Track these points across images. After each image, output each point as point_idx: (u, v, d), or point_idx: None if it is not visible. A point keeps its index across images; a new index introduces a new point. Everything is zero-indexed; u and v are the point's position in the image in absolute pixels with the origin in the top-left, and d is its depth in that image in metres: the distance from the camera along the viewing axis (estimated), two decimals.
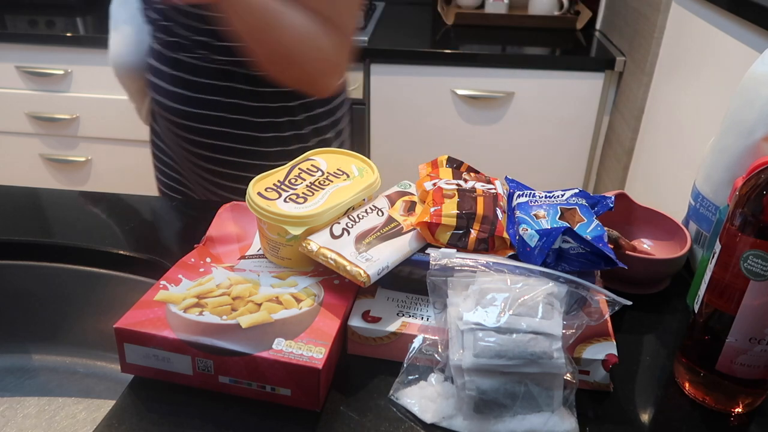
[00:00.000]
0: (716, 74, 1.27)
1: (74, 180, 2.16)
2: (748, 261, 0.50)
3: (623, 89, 1.80)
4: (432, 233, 0.62)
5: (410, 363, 0.57)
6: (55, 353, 0.79)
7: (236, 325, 0.55)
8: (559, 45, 1.93)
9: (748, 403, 0.55)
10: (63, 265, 0.76)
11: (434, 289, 0.56)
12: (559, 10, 2.07)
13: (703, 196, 0.71)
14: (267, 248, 0.65)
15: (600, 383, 0.56)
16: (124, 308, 0.57)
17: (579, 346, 0.56)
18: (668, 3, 1.53)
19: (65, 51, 1.91)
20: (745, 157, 0.66)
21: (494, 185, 0.69)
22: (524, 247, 0.60)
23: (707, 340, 0.55)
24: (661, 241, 0.75)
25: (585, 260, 0.58)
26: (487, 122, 1.90)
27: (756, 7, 1.07)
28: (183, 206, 0.87)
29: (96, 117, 2.02)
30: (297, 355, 0.52)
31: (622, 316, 0.66)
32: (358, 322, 0.59)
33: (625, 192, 0.75)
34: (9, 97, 2.00)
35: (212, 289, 0.60)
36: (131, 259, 0.74)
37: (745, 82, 0.66)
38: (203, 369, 0.54)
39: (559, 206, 0.63)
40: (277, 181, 0.65)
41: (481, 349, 0.50)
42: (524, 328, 0.51)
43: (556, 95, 1.84)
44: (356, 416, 0.54)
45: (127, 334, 0.54)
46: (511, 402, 0.51)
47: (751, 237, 0.49)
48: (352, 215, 0.64)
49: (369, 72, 1.83)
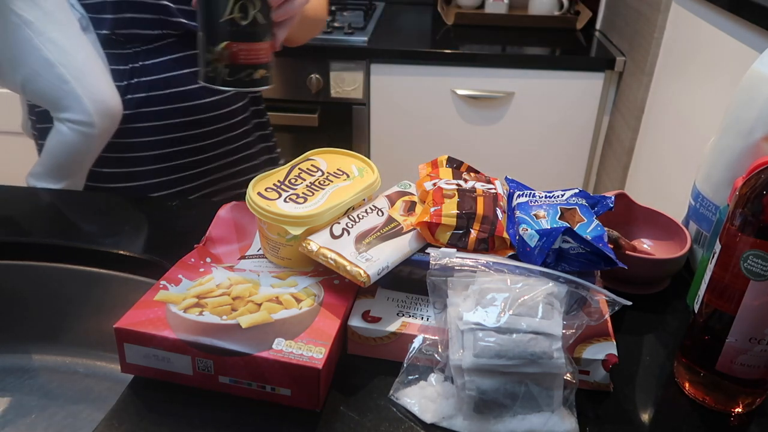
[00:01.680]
0: (716, 74, 1.27)
1: None
2: (748, 261, 0.50)
3: (623, 89, 1.80)
4: (432, 233, 0.62)
5: (410, 363, 0.57)
6: (55, 353, 0.79)
7: (236, 325, 0.55)
8: (559, 45, 1.93)
9: (748, 403, 0.55)
10: (63, 265, 0.76)
11: (434, 289, 0.56)
12: (559, 10, 2.07)
13: (703, 196, 0.71)
14: (267, 248, 0.65)
15: (600, 383, 0.56)
16: (124, 308, 0.57)
17: (579, 346, 0.56)
18: (668, 3, 1.52)
19: None
20: (745, 157, 0.66)
21: (494, 185, 0.69)
22: (524, 247, 0.60)
23: (707, 340, 0.55)
24: (661, 241, 0.75)
25: (585, 260, 0.58)
26: (487, 122, 1.90)
27: (756, 7, 1.07)
28: (183, 206, 0.87)
29: None
30: (297, 355, 0.52)
31: (622, 316, 0.66)
32: (358, 322, 0.59)
33: (625, 192, 0.75)
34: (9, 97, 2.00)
35: (212, 289, 0.60)
36: (131, 259, 0.74)
37: (745, 82, 0.66)
38: (203, 369, 0.54)
39: (559, 206, 0.63)
40: (277, 181, 0.65)
41: (481, 349, 0.50)
42: (524, 328, 0.51)
43: (556, 95, 1.84)
44: (356, 416, 0.54)
45: (127, 334, 0.54)
46: (511, 402, 0.51)
47: (751, 237, 0.49)
48: (352, 215, 0.64)
49: (369, 72, 1.83)
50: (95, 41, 0.88)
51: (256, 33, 0.64)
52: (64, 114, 0.83)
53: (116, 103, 0.86)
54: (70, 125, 0.84)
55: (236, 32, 0.62)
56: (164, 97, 0.93)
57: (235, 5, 0.61)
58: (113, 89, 0.86)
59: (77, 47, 0.83)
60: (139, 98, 0.92)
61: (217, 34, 0.62)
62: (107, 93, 0.85)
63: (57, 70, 0.81)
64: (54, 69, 0.81)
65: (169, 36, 0.91)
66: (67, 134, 0.84)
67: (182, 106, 0.95)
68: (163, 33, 0.91)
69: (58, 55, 0.81)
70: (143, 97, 0.92)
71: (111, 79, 0.87)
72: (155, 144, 0.95)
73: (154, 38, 0.91)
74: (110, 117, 0.85)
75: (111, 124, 0.86)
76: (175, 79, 0.93)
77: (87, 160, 0.89)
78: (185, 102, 0.95)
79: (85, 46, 0.84)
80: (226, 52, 0.63)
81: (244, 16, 0.62)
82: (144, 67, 0.91)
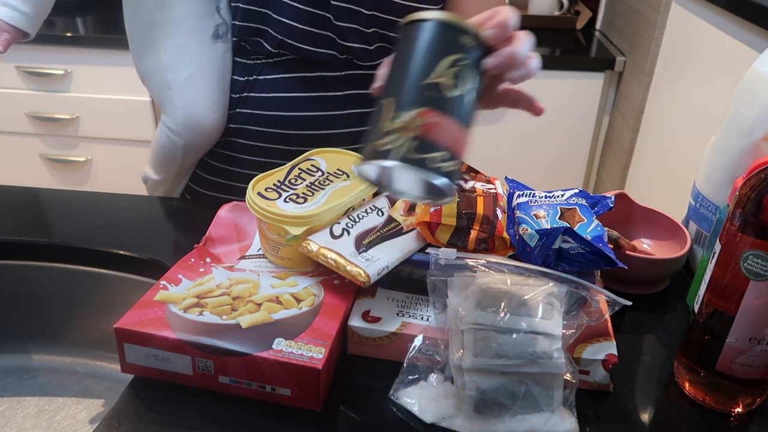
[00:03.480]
0: (716, 74, 1.26)
1: (74, 180, 2.16)
2: (748, 261, 0.50)
3: (623, 89, 1.80)
4: (432, 233, 0.62)
5: (410, 363, 0.57)
6: (55, 353, 0.79)
7: (236, 325, 0.55)
8: (559, 45, 1.93)
9: (748, 403, 0.55)
10: (63, 265, 0.76)
11: (434, 289, 0.56)
12: (559, 10, 2.07)
13: (703, 196, 0.71)
14: (267, 248, 0.65)
15: (600, 383, 0.56)
16: (124, 308, 0.57)
17: (579, 346, 0.56)
18: (668, 3, 1.52)
19: (65, 51, 1.91)
20: (745, 157, 0.66)
21: (494, 185, 0.69)
22: (524, 247, 0.60)
23: (707, 340, 0.55)
24: (661, 241, 0.75)
25: (585, 260, 0.58)
26: (487, 122, 1.90)
27: (756, 7, 1.07)
28: (183, 206, 0.87)
29: (96, 117, 2.02)
30: (297, 355, 0.52)
31: (622, 316, 0.66)
32: (358, 322, 0.59)
33: (625, 192, 0.75)
34: (9, 97, 2.00)
35: (212, 289, 0.60)
36: (131, 259, 0.74)
37: (745, 82, 0.66)
38: (203, 369, 0.54)
39: (559, 206, 0.63)
40: (277, 181, 0.65)
41: (481, 349, 0.50)
42: (524, 328, 0.51)
43: (556, 95, 1.84)
44: (356, 416, 0.54)
45: (127, 334, 0.54)
46: (511, 402, 0.51)
47: (751, 237, 0.49)
48: (352, 215, 0.64)
49: None
50: (227, 50, 0.85)
51: (462, 111, 0.47)
52: (163, 116, 0.87)
53: (208, 121, 0.85)
54: (164, 128, 0.86)
55: (439, 100, 0.45)
56: (265, 119, 0.87)
57: (449, 69, 0.46)
58: (212, 107, 0.84)
59: (194, 56, 0.82)
60: (246, 114, 0.87)
61: (414, 97, 0.45)
62: (202, 110, 0.84)
63: (166, 74, 0.82)
64: (164, 73, 0.82)
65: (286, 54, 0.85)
66: (161, 134, 0.87)
67: (281, 133, 0.88)
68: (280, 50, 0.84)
69: (172, 61, 0.82)
70: (249, 114, 0.87)
71: (218, 95, 0.85)
72: (251, 164, 0.91)
73: (273, 53, 0.84)
74: (199, 133, 0.85)
75: (200, 139, 0.86)
76: (283, 102, 0.86)
77: (175, 164, 0.90)
78: (286, 129, 0.88)
79: (204, 56, 0.83)
80: (419, 121, 0.45)
81: (455, 85, 0.46)
82: (257, 81, 0.86)
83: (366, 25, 0.82)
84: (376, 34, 0.84)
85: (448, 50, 0.46)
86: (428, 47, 0.46)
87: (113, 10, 2.16)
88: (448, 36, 0.47)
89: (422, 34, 0.47)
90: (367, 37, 0.84)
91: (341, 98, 0.87)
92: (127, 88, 1.94)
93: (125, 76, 1.91)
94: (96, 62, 1.91)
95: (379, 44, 0.85)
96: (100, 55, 1.89)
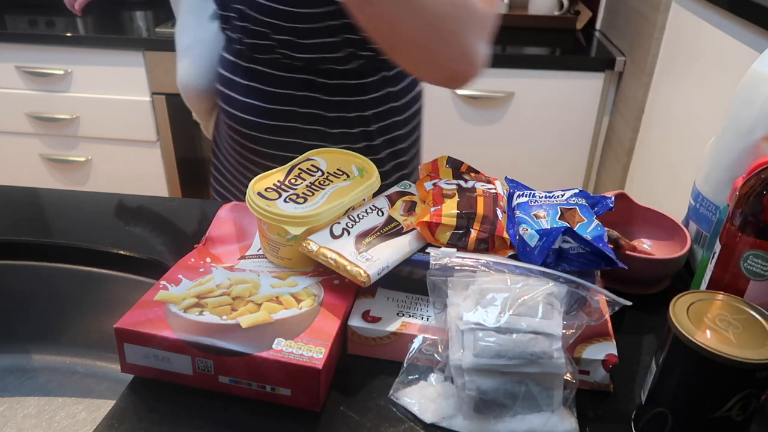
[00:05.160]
0: (716, 74, 1.27)
1: (74, 180, 2.16)
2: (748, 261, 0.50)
3: (623, 89, 1.80)
4: (432, 233, 0.62)
5: (410, 363, 0.57)
6: (55, 353, 0.79)
7: (236, 325, 0.55)
8: (559, 45, 1.93)
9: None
10: (63, 265, 0.76)
11: (434, 289, 0.56)
12: (559, 10, 2.07)
13: (703, 196, 0.71)
14: (267, 248, 0.65)
15: (600, 383, 0.56)
16: (124, 308, 0.57)
17: (579, 346, 0.56)
18: (668, 3, 1.53)
19: (65, 51, 1.91)
20: (745, 157, 0.66)
21: (494, 185, 0.69)
22: (524, 247, 0.60)
23: None
24: (661, 241, 0.75)
25: (585, 260, 0.58)
26: (487, 122, 1.90)
27: (756, 7, 1.07)
28: (183, 206, 0.87)
29: (96, 117, 2.02)
30: (297, 355, 0.52)
31: (622, 316, 0.66)
32: (358, 322, 0.59)
33: (625, 192, 0.75)
34: (9, 97, 2.01)
35: (212, 289, 0.60)
36: (131, 259, 0.74)
37: (745, 81, 0.66)
38: (203, 369, 0.54)
39: (559, 206, 0.63)
40: (277, 181, 0.65)
41: (481, 349, 0.50)
42: (524, 328, 0.51)
43: (556, 95, 1.84)
44: (356, 416, 0.54)
45: (127, 334, 0.54)
46: (511, 402, 0.51)
47: (751, 237, 0.49)
48: (352, 215, 0.64)
49: None
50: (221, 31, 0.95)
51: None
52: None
53: (196, 86, 0.97)
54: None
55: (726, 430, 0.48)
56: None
57: (740, 401, 0.46)
58: (200, 74, 0.96)
59: (193, 29, 0.97)
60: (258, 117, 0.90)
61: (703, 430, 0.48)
62: (191, 75, 0.97)
63: (176, 41, 0.99)
64: (175, 39, 0.99)
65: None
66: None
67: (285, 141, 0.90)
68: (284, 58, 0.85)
69: (179, 31, 0.99)
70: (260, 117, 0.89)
71: (208, 65, 0.95)
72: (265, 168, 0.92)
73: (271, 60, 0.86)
74: (192, 92, 0.99)
75: (193, 97, 0.99)
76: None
77: (190, 104, 1.03)
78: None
79: (199, 31, 0.96)
80: None
81: (742, 412, 0.47)
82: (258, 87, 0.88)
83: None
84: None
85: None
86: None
87: (113, 10, 2.16)
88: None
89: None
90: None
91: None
92: (127, 88, 1.94)
93: (125, 76, 1.91)
94: (96, 62, 1.91)
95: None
96: (100, 55, 1.89)
